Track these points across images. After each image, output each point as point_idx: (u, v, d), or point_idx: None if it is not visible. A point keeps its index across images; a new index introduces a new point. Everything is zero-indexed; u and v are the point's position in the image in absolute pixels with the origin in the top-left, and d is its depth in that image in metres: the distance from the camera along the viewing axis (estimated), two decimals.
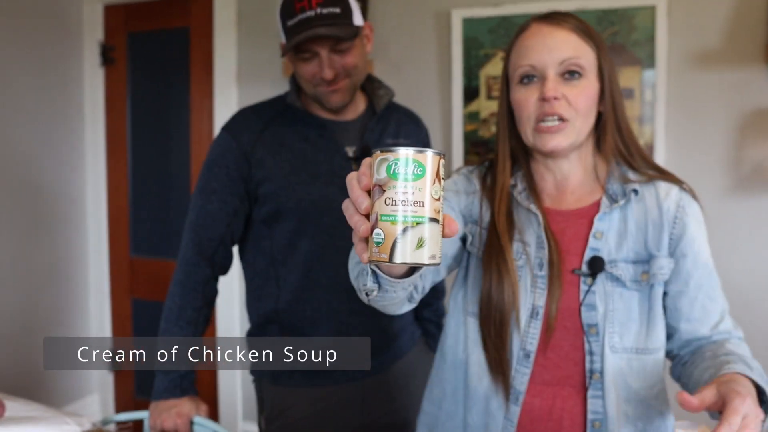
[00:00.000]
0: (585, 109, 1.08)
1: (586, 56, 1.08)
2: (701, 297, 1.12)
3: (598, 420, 1.08)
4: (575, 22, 1.10)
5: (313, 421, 1.51)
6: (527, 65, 1.09)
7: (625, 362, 1.08)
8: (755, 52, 2.18)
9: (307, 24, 1.34)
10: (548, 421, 1.10)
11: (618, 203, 1.10)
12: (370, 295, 0.92)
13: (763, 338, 2.23)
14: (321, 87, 1.42)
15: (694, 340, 1.12)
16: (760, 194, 2.21)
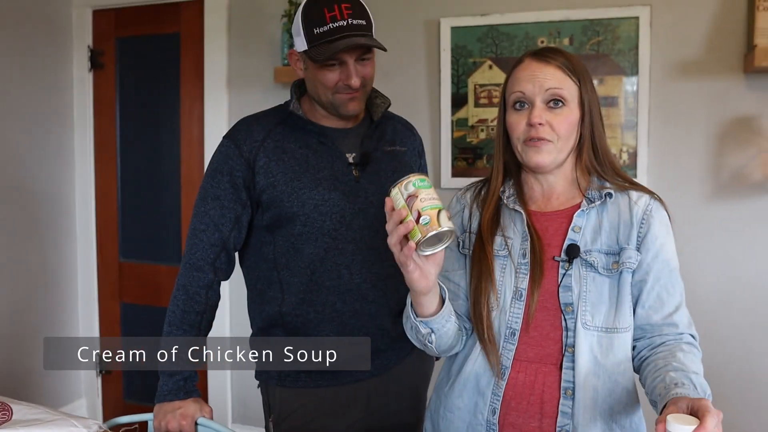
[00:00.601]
0: (565, 133, 1.26)
1: (569, 88, 1.26)
2: (658, 288, 1.25)
3: (569, 389, 1.23)
4: (562, 59, 1.28)
5: (321, 422, 1.55)
6: (519, 92, 1.28)
7: (596, 339, 1.24)
8: (734, 63, 2.26)
9: (339, 32, 1.39)
10: (531, 395, 1.25)
11: (594, 204, 1.28)
12: (431, 342, 1.26)
13: (739, 336, 2.32)
14: (341, 94, 1.46)
15: (647, 326, 1.25)
16: (739, 200, 2.29)
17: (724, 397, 1.21)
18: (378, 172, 1.55)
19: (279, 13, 2.64)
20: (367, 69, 1.47)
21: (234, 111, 2.84)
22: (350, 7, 1.41)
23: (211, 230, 1.52)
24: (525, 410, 1.25)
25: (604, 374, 1.23)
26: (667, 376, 1.11)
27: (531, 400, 1.25)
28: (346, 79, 1.44)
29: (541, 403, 1.24)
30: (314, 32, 1.41)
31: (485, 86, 2.51)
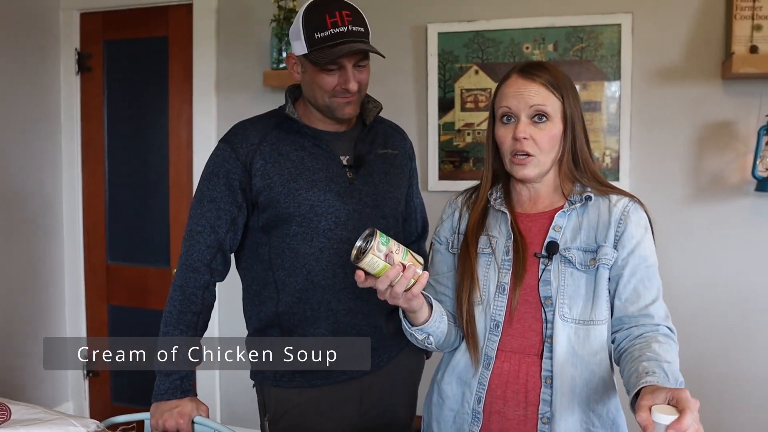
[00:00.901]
0: (547, 146, 1.35)
1: (552, 104, 1.34)
2: (634, 281, 1.32)
3: (549, 377, 1.32)
4: (546, 75, 1.35)
5: (316, 420, 1.58)
6: (506, 107, 1.36)
7: (573, 330, 1.31)
8: (713, 69, 2.33)
9: (340, 38, 1.43)
10: (515, 384, 1.34)
11: (575, 206, 1.37)
12: (430, 344, 1.36)
13: (718, 335, 2.39)
14: (338, 98, 1.50)
15: (624, 317, 1.32)
16: (718, 202, 2.36)
17: (702, 394, 1.25)
18: (371, 173, 1.59)
19: (268, 18, 2.66)
20: (364, 74, 1.51)
21: (223, 114, 2.86)
22: (350, 15, 1.45)
23: (208, 232, 1.54)
24: (511, 399, 1.33)
25: (581, 364, 1.31)
26: (640, 366, 1.16)
27: (516, 389, 1.33)
28: (344, 83, 1.48)
29: (525, 392, 1.32)
30: (315, 37, 1.44)
31: (471, 91, 2.56)
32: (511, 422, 1.33)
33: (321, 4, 1.47)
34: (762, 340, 2.34)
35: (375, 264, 1.18)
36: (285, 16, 2.59)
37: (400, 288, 1.21)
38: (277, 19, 2.60)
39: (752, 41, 2.21)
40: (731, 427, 2.34)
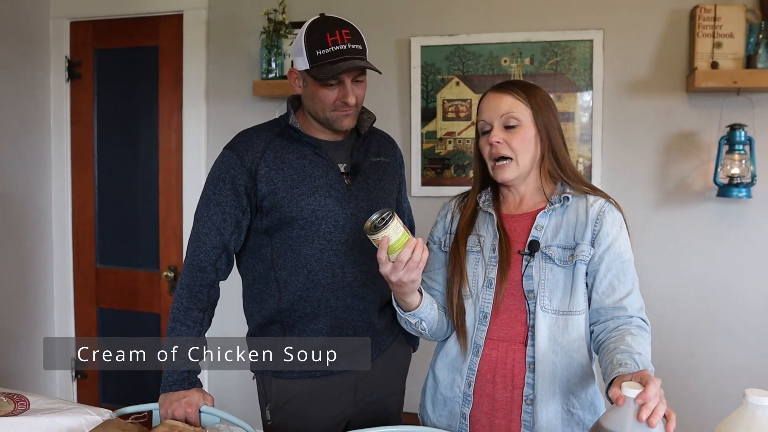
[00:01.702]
0: (521, 148, 1.47)
1: (521, 111, 1.48)
2: (609, 276, 1.45)
3: (532, 363, 1.45)
4: (516, 89, 1.50)
5: (313, 409, 1.69)
6: (482, 120, 1.52)
7: (553, 320, 1.45)
8: (677, 83, 2.50)
9: (340, 55, 1.54)
10: (503, 369, 1.47)
11: (555, 207, 1.49)
12: (423, 329, 1.50)
13: (684, 330, 2.54)
14: (337, 111, 1.61)
15: (601, 309, 1.45)
16: (683, 207, 2.52)
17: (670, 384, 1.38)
18: (366, 180, 1.71)
19: (256, 29, 2.77)
20: (361, 89, 1.63)
21: (212, 121, 2.95)
22: (349, 33, 1.57)
23: (214, 234, 1.64)
24: (500, 382, 1.47)
25: (561, 351, 1.44)
26: (614, 358, 1.30)
27: (504, 374, 1.47)
28: (343, 97, 1.59)
29: (512, 376, 1.46)
30: (317, 53, 1.55)
31: (452, 101, 2.69)
32: (499, 403, 1.47)
33: (322, 23, 1.58)
34: (724, 335, 2.50)
35: (397, 230, 1.31)
36: (274, 28, 2.70)
37: (414, 263, 1.34)
38: (266, 31, 2.70)
39: (713, 57, 2.37)
40: (697, 414, 2.48)
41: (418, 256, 1.34)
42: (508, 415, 1.47)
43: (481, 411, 1.49)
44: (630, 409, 1.05)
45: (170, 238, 3.07)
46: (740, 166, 2.38)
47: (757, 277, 2.47)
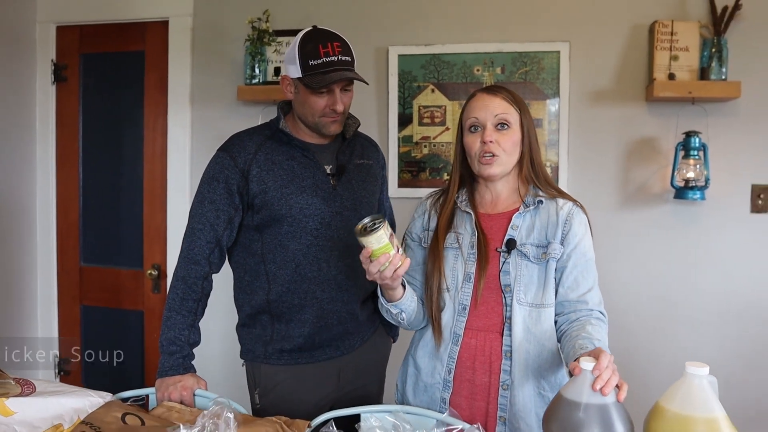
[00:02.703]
0: (509, 149, 1.60)
1: (512, 115, 1.61)
2: (575, 273, 1.60)
3: (508, 351, 1.58)
4: (506, 92, 1.63)
5: (299, 393, 1.81)
6: (474, 118, 1.62)
7: (527, 312, 1.58)
8: (637, 92, 2.67)
9: (331, 66, 1.67)
10: (482, 356, 1.60)
11: (529, 208, 1.62)
12: (402, 319, 1.63)
13: (645, 325, 2.71)
14: (326, 117, 1.74)
15: (565, 302, 1.60)
16: (642, 208, 2.69)
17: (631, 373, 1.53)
18: (351, 181, 1.84)
19: (240, 37, 2.88)
20: (348, 97, 1.76)
21: (197, 125, 3.05)
22: (340, 46, 1.70)
23: (207, 229, 1.76)
24: (479, 368, 1.60)
25: (534, 340, 1.58)
26: (576, 344, 1.45)
27: (482, 360, 1.60)
28: (332, 104, 1.72)
29: (489, 363, 1.59)
30: (309, 63, 1.68)
31: (428, 107, 2.83)
32: (478, 388, 1.60)
33: (316, 35, 1.71)
34: (679, 328, 2.67)
35: (380, 240, 1.42)
36: (258, 36, 2.81)
37: (389, 271, 1.45)
38: (251, 39, 2.82)
39: (670, 69, 2.55)
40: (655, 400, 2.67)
41: (390, 272, 1.46)
42: (486, 399, 1.60)
43: (461, 396, 1.61)
44: (586, 380, 1.19)
45: (154, 238, 3.16)
46: (695, 170, 2.55)
47: (711, 272, 2.65)
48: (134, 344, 3.24)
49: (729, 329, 2.63)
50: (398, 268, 1.46)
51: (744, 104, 2.58)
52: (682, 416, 1.16)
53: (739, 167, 2.61)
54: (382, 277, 1.48)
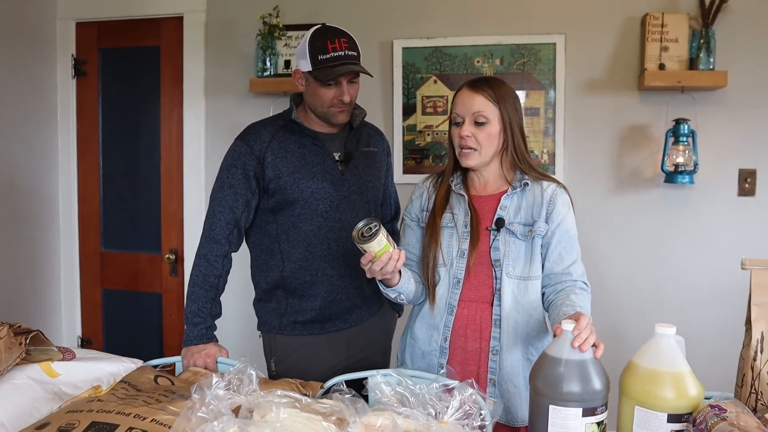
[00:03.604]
0: (486, 143, 1.73)
1: (490, 111, 1.73)
2: (559, 248, 1.75)
3: (498, 320, 1.74)
4: (488, 89, 1.73)
5: (311, 361, 1.97)
6: (456, 113, 1.76)
7: (516, 284, 1.73)
8: (630, 82, 2.81)
9: (339, 60, 1.81)
10: (473, 325, 1.76)
11: (516, 190, 1.76)
12: (402, 300, 1.76)
13: (637, 303, 2.85)
14: (334, 108, 1.88)
15: (551, 275, 1.75)
16: (635, 192, 2.83)
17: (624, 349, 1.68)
18: (357, 167, 1.99)
19: (252, 31, 3.03)
20: (354, 89, 1.91)
21: (211, 116, 3.21)
22: (347, 42, 1.84)
23: (227, 211, 1.92)
24: (471, 336, 1.76)
25: (522, 310, 1.74)
26: (561, 311, 1.60)
27: (474, 329, 1.75)
28: (340, 96, 1.86)
29: (480, 331, 1.75)
30: (318, 58, 1.83)
31: (431, 97, 2.97)
32: (470, 353, 1.76)
33: (324, 32, 1.86)
34: (670, 304, 2.82)
35: (381, 243, 1.53)
36: (269, 30, 2.96)
37: (391, 266, 1.58)
38: (262, 34, 2.97)
39: (661, 60, 2.68)
40: None
41: (392, 267, 1.58)
42: (477, 363, 1.76)
43: (455, 361, 1.77)
44: (567, 339, 1.34)
45: (171, 224, 3.33)
46: (684, 155, 2.68)
47: (698, 252, 2.80)
48: (153, 325, 3.41)
49: (716, 307, 2.77)
50: (398, 261, 1.60)
51: (731, 92, 2.72)
52: (651, 371, 1.31)
53: (727, 152, 2.75)
54: (383, 273, 1.60)
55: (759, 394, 1.34)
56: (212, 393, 1.21)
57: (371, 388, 1.50)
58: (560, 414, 1.30)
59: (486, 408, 1.40)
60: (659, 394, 1.29)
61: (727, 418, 1.18)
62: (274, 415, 1.19)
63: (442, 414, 1.33)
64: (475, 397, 1.37)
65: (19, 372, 1.49)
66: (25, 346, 1.51)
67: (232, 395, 1.30)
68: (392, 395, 1.39)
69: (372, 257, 1.57)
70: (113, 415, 1.24)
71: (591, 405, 1.30)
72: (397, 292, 1.74)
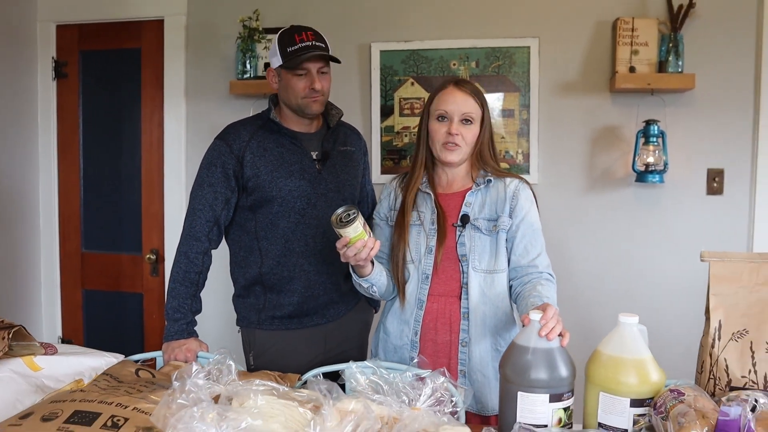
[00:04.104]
0: (470, 141, 1.82)
1: (476, 112, 1.81)
2: (524, 242, 1.82)
3: (466, 313, 1.80)
4: (474, 89, 1.81)
5: (289, 356, 2.01)
6: (443, 110, 1.81)
7: (482, 278, 1.80)
8: (602, 84, 2.89)
9: (306, 50, 1.88)
10: (443, 318, 1.81)
11: (480, 187, 1.83)
12: (374, 292, 1.81)
13: (609, 299, 2.92)
14: (307, 98, 1.93)
15: (518, 268, 1.81)
16: (607, 191, 2.91)
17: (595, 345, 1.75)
18: (334, 166, 2.04)
19: (232, 34, 3.06)
20: (326, 79, 1.96)
21: (191, 118, 3.24)
22: (313, 34, 1.91)
23: (207, 209, 1.95)
24: (441, 329, 1.81)
25: (489, 302, 1.80)
26: (528, 301, 1.67)
27: (444, 322, 1.81)
28: (311, 84, 1.91)
29: (450, 324, 1.81)
30: (287, 50, 1.89)
31: (408, 99, 3.03)
32: (441, 346, 1.82)
33: (291, 28, 1.93)
34: (641, 299, 2.90)
35: (356, 230, 1.61)
36: (249, 33, 3.00)
37: (364, 253, 1.64)
38: (242, 37, 3.00)
39: (631, 63, 2.76)
40: None
41: (365, 254, 1.65)
42: (447, 355, 1.82)
43: (426, 354, 1.82)
44: (534, 328, 1.40)
45: (152, 224, 3.35)
46: (654, 155, 2.76)
47: (669, 249, 2.88)
48: (134, 325, 3.43)
49: (685, 301, 2.84)
50: (372, 249, 1.66)
51: (699, 94, 2.80)
52: (615, 358, 1.37)
53: (695, 152, 2.83)
54: (357, 259, 1.66)
55: (717, 380, 1.41)
56: (192, 381, 1.25)
57: (347, 377, 1.55)
58: (528, 400, 1.36)
59: (458, 395, 1.46)
60: (622, 380, 1.34)
61: (684, 401, 1.24)
62: (252, 402, 1.23)
63: (415, 401, 1.38)
64: (446, 385, 1.43)
65: (2, 366, 1.52)
66: (7, 341, 1.54)
67: (212, 384, 1.34)
68: (367, 384, 1.43)
69: (347, 242, 1.63)
70: (96, 404, 1.28)
71: (558, 391, 1.36)
72: (369, 282, 1.79)
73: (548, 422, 1.35)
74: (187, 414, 1.14)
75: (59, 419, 1.24)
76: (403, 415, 1.28)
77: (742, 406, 1.12)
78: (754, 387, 1.38)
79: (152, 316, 3.37)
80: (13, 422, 1.26)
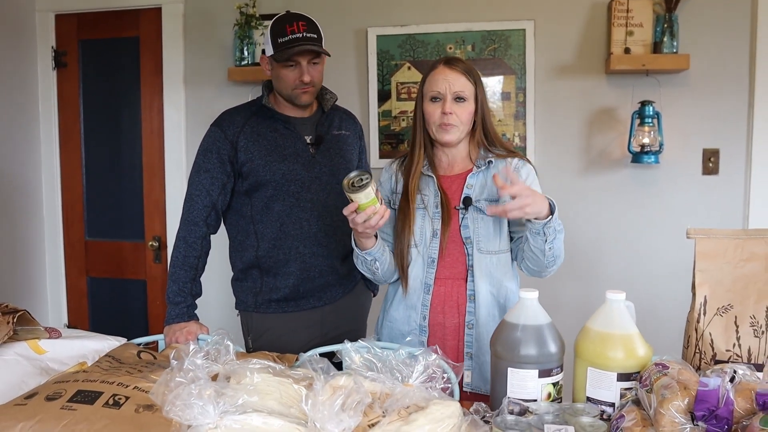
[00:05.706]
0: (465, 119, 1.80)
1: (468, 89, 1.79)
2: None
3: (472, 294, 1.81)
4: (465, 66, 1.80)
5: (287, 339, 2.05)
6: (436, 91, 1.80)
7: (487, 259, 1.81)
8: (597, 66, 2.90)
9: (296, 42, 1.89)
10: (450, 301, 1.82)
11: (481, 168, 1.83)
12: (377, 269, 1.80)
13: (605, 277, 2.95)
14: (297, 89, 1.96)
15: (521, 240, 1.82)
16: (603, 173, 2.93)
17: None
18: (328, 149, 2.07)
19: (229, 21, 3.08)
20: (316, 70, 1.97)
21: (191, 105, 3.27)
22: (306, 24, 1.92)
23: (204, 195, 1.99)
24: (448, 312, 1.83)
25: (495, 282, 1.82)
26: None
27: (451, 305, 1.83)
28: (300, 76, 1.94)
29: (457, 306, 1.82)
30: (278, 41, 1.91)
31: (405, 84, 3.05)
32: (448, 329, 1.83)
33: (284, 17, 1.94)
34: (638, 278, 2.92)
35: (368, 196, 1.58)
36: (246, 20, 3.02)
37: (374, 220, 1.62)
38: (239, 23, 3.02)
39: (626, 44, 2.77)
40: None
41: (375, 221, 1.63)
42: (456, 338, 1.83)
43: (435, 338, 1.83)
44: (524, 306, 1.43)
45: (154, 211, 3.39)
46: (650, 136, 2.78)
47: (664, 228, 2.90)
48: (138, 312, 3.48)
49: (682, 282, 2.85)
50: (382, 218, 1.64)
51: (693, 75, 2.81)
52: (602, 333, 1.40)
53: (690, 133, 2.85)
54: (365, 226, 1.63)
55: (702, 353, 1.44)
56: (190, 360, 1.28)
57: (343, 355, 1.58)
58: (518, 376, 1.39)
59: (450, 371, 1.49)
60: (609, 355, 1.37)
61: (668, 374, 1.27)
62: (249, 380, 1.27)
63: (408, 378, 1.42)
64: (438, 362, 1.46)
65: (8, 349, 1.57)
66: (12, 325, 1.59)
67: (210, 364, 1.38)
68: (361, 362, 1.47)
69: (355, 207, 1.61)
70: (98, 384, 1.32)
71: (546, 367, 1.39)
72: (372, 255, 1.78)
73: (538, 397, 1.38)
74: (185, 391, 1.18)
75: (63, 398, 1.28)
76: (395, 392, 1.32)
77: (722, 377, 1.15)
78: (738, 360, 1.41)
79: (156, 302, 3.42)
80: (18, 402, 1.30)
